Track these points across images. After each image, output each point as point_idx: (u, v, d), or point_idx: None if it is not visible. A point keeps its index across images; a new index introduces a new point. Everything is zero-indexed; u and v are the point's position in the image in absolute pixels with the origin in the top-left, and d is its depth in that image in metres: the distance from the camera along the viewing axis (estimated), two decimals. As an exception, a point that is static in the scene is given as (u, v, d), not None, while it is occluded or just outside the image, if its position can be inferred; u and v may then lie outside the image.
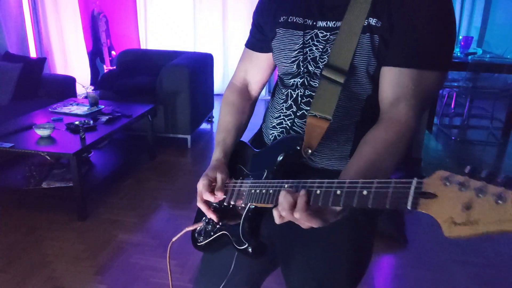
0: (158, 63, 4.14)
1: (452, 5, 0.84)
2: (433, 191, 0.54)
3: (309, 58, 0.94)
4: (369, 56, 0.87)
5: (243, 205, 0.91)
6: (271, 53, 1.04)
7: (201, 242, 1.04)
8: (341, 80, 0.88)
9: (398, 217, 2.60)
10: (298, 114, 0.96)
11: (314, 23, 0.93)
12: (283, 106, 1.00)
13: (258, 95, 1.16)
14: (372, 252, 1.04)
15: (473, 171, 0.51)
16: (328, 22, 0.91)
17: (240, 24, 5.59)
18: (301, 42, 0.95)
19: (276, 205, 0.75)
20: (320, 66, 0.92)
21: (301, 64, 0.96)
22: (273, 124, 1.02)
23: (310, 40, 0.93)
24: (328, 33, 0.91)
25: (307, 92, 0.95)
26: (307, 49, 0.94)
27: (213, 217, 0.97)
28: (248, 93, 1.14)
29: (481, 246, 2.42)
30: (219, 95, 5.11)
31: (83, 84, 4.60)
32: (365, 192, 0.63)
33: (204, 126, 4.52)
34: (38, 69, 3.86)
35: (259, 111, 1.09)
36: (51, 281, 2.05)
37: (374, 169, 0.77)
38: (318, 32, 0.93)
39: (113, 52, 5.51)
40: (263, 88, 1.17)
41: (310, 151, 0.90)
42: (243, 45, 1.13)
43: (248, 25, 1.11)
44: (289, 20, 0.97)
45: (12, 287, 2.01)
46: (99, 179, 2.94)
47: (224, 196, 0.97)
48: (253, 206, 0.89)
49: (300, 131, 0.95)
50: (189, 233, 1.09)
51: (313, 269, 0.97)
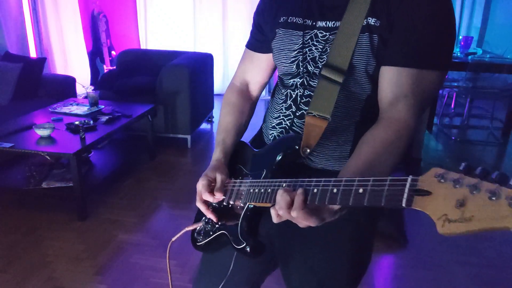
0: (158, 63, 4.14)
1: (452, 5, 0.84)
2: (428, 188, 0.54)
3: (309, 58, 0.94)
4: (368, 56, 0.87)
5: (242, 205, 0.91)
6: (272, 54, 1.04)
7: (201, 242, 1.04)
8: (340, 80, 0.88)
9: (398, 217, 2.60)
10: (298, 114, 0.96)
11: (314, 23, 0.93)
12: (283, 106, 1.00)
13: (259, 96, 1.16)
14: (372, 252, 1.04)
15: (468, 168, 0.51)
16: (328, 22, 0.91)
17: (240, 24, 5.59)
18: (301, 42, 0.95)
19: (274, 204, 0.75)
20: (320, 66, 0.92)
21: (301, 64, 0.96)
22: (273, 124, 1.02)
23: (310, 40, 0.93)
24: (328, 33, 0.91)
25: (307, 92, 0.95)
26: (307, 49, 0.94)
27: (212, 217, 0.97)
28: (249, 94, 1.14)
29: (482, 247, 2.42)
30: (219, 95, 5.11)
31: (83, 84, 4.60)
32: (361, 190, 0.63)
33: (204, 126, 4.52)
34: (38, 69, 3.86)
35: (260, 111, 1.09)
36: (51, 281, 2.05)
37: (373, 169, 0.77)
38: (318, 32, 0.93)
39: (113, 52, 5.51)
40: (264, 89, 1.17)
41: (309, 151, 0.90)
42: (243, 45, 1.14)
43: (248, 25, 1.11)
44: (289, 21, 0.97)
45: (12, 287, 2.01)
46: (99, 179, 2.94)
47: (224, 197, 0.97)
48: (252, 206, 0.89)
49: (300, 131, 0.95)
50: (189, 233, 1.09)
51: (313, 269, 0.97)
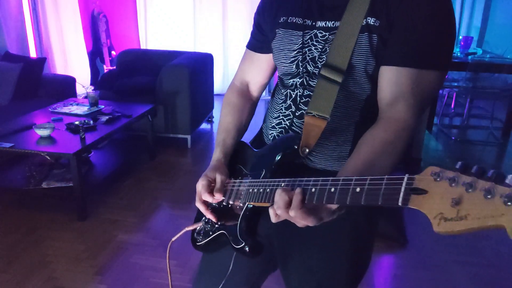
0: (158, 63, 4.14)
1: (452, 5, 0.84)
2: (424, 187, 0.53)
3: (308, 58, 0.94)
4: (368, 56, 0.87)
5: (241, 205, 0.91)
6: (272, 54, 1.04)
7: (200, 242, 1.04)
8: (339, 80, 0.88)
9: (398, 218, 2.59)
10: (297, 114, 0.96)
11: (314, 23, 0.93)
12: (282, 106, 1.00)
13: (259, 96, 1.17)
14: (372, 253, 1.04)
15: (464, 167, 0.50)
16: (327, 22, 0.91)
17: (240, 24, 5.59)
18: (300, 42, 0.95)
19: (273, 204, 0.75)
20: (319, 66, 0.92)
21: (300, 64, 0.96)
22: (273, 124, 1.02)
23: (309, 40, 0.93)
24: (327, 33, 0.91)
25: (306, 92, 0.95)
26: (306, 49, 0.94)
27: (211, 217, 0.98)
28: (249, 94, 1.14)
29: (481, 246, 2.42)
30: (219, 95, 5.12)
31: (83, 84, 4.60)
32: (358, 189, 0.63)
33: (204, 126, 4.52)
34: (38, 69, 3.86)
35: (260, 111, 1.09)
36: (51, 281, 2.05)
37: (372, 169, 0.77)
38: (317, 32, 0.93)
39: (113, 52, 5.51)
40: (264, 89, 1.17)
41: (308, 151, 0.90)
42: (243, 45, 1.14)
43: (248, 25, 1.12)
44: (289, 21, 0.97)
45: (12, 287, 2.01)
46: (99, 179, 2.94)
47: (223, 198, 0.97)
48: (251, 206, 0.89)
49: (299, 131, 0.95)
50: (189, 233, 1.09)
51: (312, 269, 0.97)
